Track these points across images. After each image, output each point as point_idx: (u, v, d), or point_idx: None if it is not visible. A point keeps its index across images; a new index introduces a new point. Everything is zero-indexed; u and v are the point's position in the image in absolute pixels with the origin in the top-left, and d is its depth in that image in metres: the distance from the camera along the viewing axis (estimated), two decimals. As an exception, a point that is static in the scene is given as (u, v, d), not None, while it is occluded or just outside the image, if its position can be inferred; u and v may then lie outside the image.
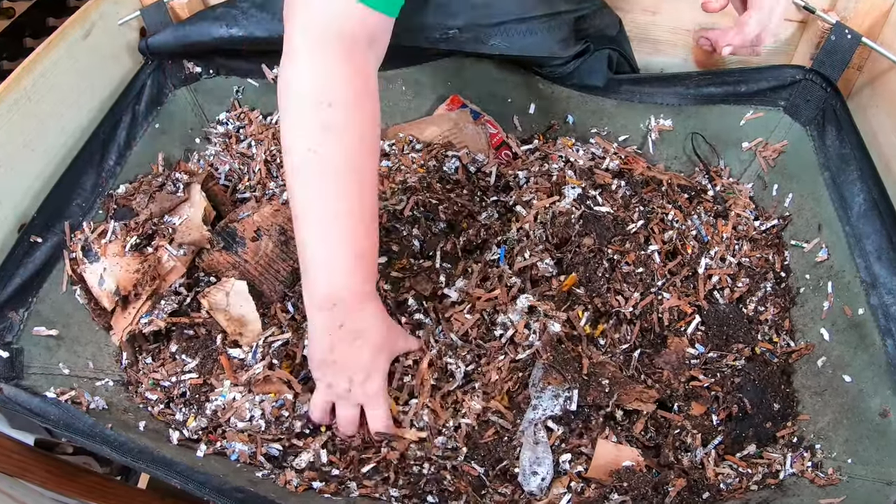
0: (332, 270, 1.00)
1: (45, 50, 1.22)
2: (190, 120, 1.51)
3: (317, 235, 0.99)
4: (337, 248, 1.00)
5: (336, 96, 0.95)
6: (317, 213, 0.98)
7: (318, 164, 0.96)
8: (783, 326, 1.26)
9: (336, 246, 0.99)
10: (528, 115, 1.54)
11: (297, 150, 0.96)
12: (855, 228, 1.18)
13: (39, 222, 1.17)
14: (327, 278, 1.01)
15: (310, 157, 0.96)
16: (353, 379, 1.07)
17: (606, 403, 1.12)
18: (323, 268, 1.00)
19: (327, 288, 1.01)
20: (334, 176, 0.97)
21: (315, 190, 0.98)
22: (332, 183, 0.97)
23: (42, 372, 1.11)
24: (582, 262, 1.26)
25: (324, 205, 0.98)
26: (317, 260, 1.00)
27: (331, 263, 1.00)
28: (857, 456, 1.04)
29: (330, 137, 0.95)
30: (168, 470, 0.97)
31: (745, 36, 1.19)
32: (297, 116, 0.97)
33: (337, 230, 0.99)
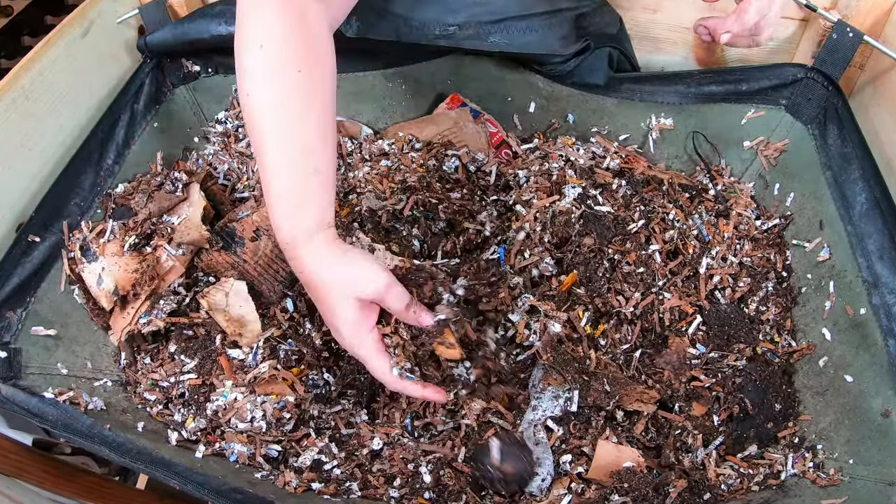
0: (272, 217, 0.99)
1: (43, 48, 1.22)
2: (189, 119, 1.51)
3: (265, 178, 0.98)
4: (267, 193, 0.98)
5: (264, 38, 0.95)
6: (257, 156, 0.99)
7: (247, 108, 0.97)
8: (785, 326, 1.26)
9: (267, 190, 0.98)
10: (528, 113, 1.54)
11: (245, 97, 0.97)
12: (857, 228, 1.17)
13: (37, 221, 1.17)
14: (277, 219, 0.99)
15: (245, 101, 0.96)
16: (332, 327, 1.04)
17: (607, 404, 1.12)
18: (271, 214, 0.99)
19: (280, 231, 0.99)
20: (255, 117, 0.96)
21: (251, 132, 0.98)
22: (256, 123, 0.96)
23: (40, 372, 1.11)
24: (582, 261, 1.26)
25: (256, 149, 0.98)
26: (268, 199, 0.99)
27: (271, 210, 0.99)
28: (859, 456, 1.04)
29: (257, 79, 0.96)
30: (167, 471, 0.97)
31: (744, 23, 1.19)
32: (237, 67, 0.98)
33: (264, 172, 0.97)
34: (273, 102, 0.96)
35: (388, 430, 1.15)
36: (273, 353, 1.19)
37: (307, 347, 1.20)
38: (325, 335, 1.21)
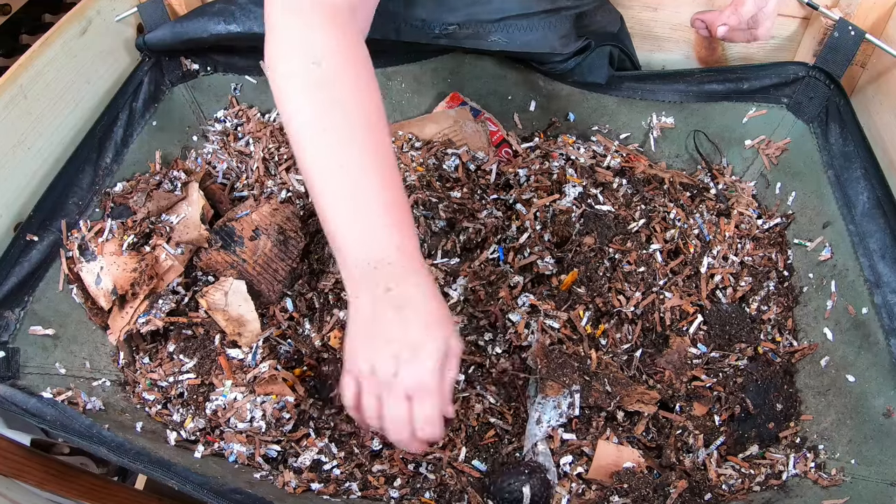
0: (363, 228, 0.89)
1: (41, 47, 1.21)
2: (187, 117, 1.51)
3: (336, 195, 0.89)
4: (363, 203, 0.88)
5: (322, 53, 0.90)
6: (330, 173, 0.89)
7: (318, 122, 0.89)
8: (786, 326, 1.26)
9: (361, 200, 0.88)
10: (528, 112, 1.54)
11: (296, 117, 0.90)
12: (859, 227, 1.17)
13: (35, 221, 1.17)
14: (360, 237, 0.89)
15: (308, 119, 0.90)
16: (398, 356, 0.87)
17: (608, 404, 1.11)
18: (352, 228, 0.89)
19: (362, 248, 0.88)
20: (337, 130, 0.89)
21: (323, 149, 0.89)
22: (337, 136, 0.89)
23: (38, 372, 1.11)
24: (583, 261, 1.26)
25: (336, 161, 0.89)
26: (343, 222, 0.89)
27: (361, 221, 0.89)
28: (861, 456, 1.04)
29: (325, 94, 0.90)
30: (165, 471, 0.97)
31: (741, 16, 1.19)
32: (288, 85, 0.91)
33: (356, 182, 0.88)
34: (320, 124, 0.90)
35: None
36: (272, 353, 1.19)
37: (306, 347, 1.20)
38: (324, 336, 1.21)
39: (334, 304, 1.25)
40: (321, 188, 0.89)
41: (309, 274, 1.29)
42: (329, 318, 1.23)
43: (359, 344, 0.90)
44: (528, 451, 1.10)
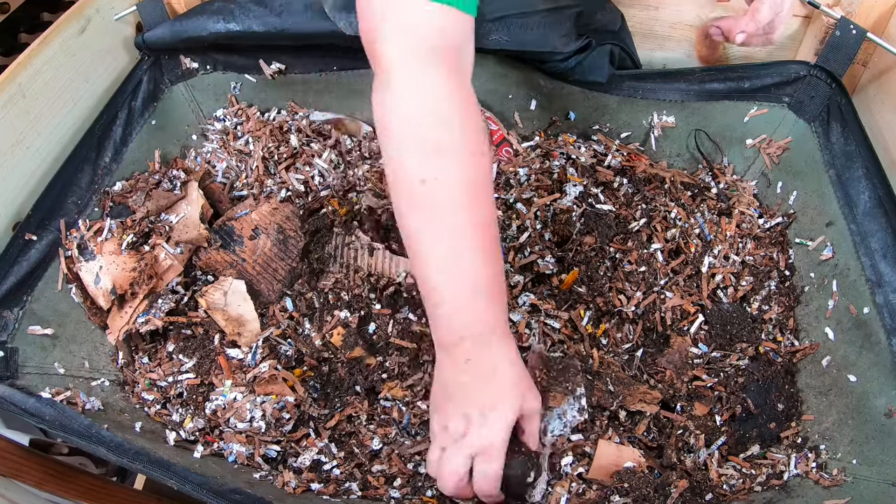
0: (456, 305, 0.91)
1: (39, 45, 1.21)
2: (187, 116, 1.51)
3: (438, 271, 0.91)
4: (460, 282, 0.90)
5: (447, 113, 0.88)
6: (437, 247, 0.90)
7: (433, 194, 0.88)
8: (787, 325, 1.26)
9: (461, 274, 0.90)
10: (529, 111, 1.53)
11: (408, 180, 0.88)
12: (860, 226, 1.17)
13: (34, 220, 1.17)
14: (451, 313, 0.91)
15: (424, 187, 0.87)
16: (469, 417, 0.92)
17: (611, 404, 1.11)
18: (447, 304, 0.91)
19: (453, 323, 0.92)
20: (451, 206, 0.88)
21: (434, 223, 0.89)
22: (451, 214, 0.88)
23: (37, 372, 1.11)
24: (583, 260, 1.26)
25: (445, 238, 0.90)
26: (441, 296, 0.91)
27: (455, 298, 0.91)
28: (863, 456, 1.04)
29: (444, 161, 0.87)
30: (164, 471, 0.97)
31: (758, 22, 1.19)
32: (405, 141, 0.89)
33: (459, 263, 0.90)
34: (463, 188, 0.89)
35: (388, 429, 1.15)
36: (272, 353, 1.19)
37: (307, 347, 1.20)
38: (324, 336, 1.21)
39: (334, 304, 1.25)
40: (422, 259, 0.91)
41: (309, 273, 1.29)
42: (329, 318, 1.23)
43: (438, 402, 0.97)
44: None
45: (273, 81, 1.49)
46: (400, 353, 1.19)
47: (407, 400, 1.16)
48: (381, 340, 1.21)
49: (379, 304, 1.25)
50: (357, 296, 1.25)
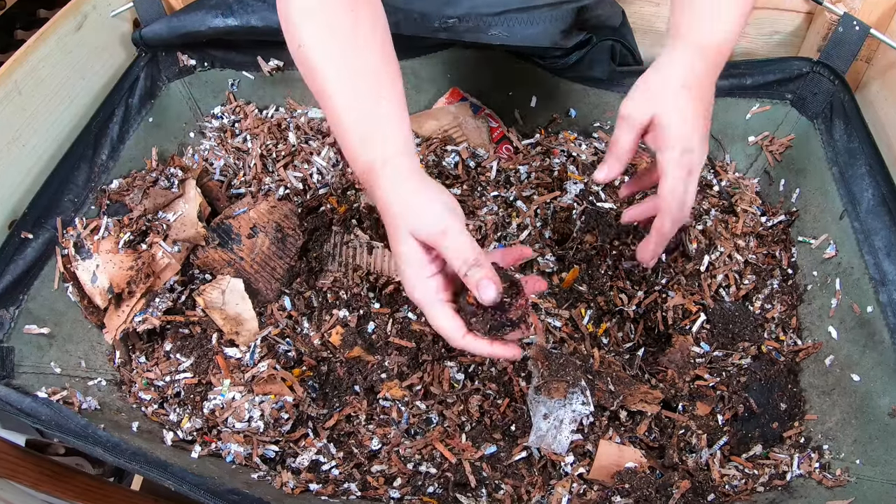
0: (347, 154, 0.96)
1: (35, 42, 1.21)
2: (184, 114, 1.51)
3: (331, 123, 0.97)
4: (338, 130, 0.95)
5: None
6: (321, 100, 0.97)
7: (300, 55, 0.96)
8: (790, 324, 1.26)
9: (337, 127, 0.96)
10: (529, 108, 1.53)
11: (293, 53, 0.98)
12: (864, 224, 1.17)
13: (30, 218, 1.17)
14: (349, 160, 0.96)
15: (296, 52, 0.97)
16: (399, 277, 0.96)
17: (611, 404, 1.11)
18: (345, 152, 0.97)
19: (354, 171, 0.98)
20: (310, 59, 0.95)
21: (312, 79, 0.97)
22: (315, 66, 0.95)
23: (33, 371, 1.11)
24: (584, 258, 1.26)
25: (319, 93, 0.96)
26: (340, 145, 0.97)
27: (344, 147, 0.96)
28: (867, 457, 1.04)
29: (308, 26, 0.96)
30: (162, 471, 0.97)
31: (663, 239, 1.05)
32: (283, 22, 0.99)
33: (332, 111, 0.95)
34: (326, 43, 0.95)
35: (387, 429, 1.15)
36: (271, 352, 1.19)
37: (306, 347, 1.20)
38: (323, 335, 1.21)
39: (333, 303, 1.25)
40: (324, 106, 0.97)
41: (307, 272, 1.29)
42: (328, 317, 1.23)
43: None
44: (534, 444, 1.10)
45: (271, 78, 1.49)
46: (399, 353, 1.19)
47: (406, 400, 1.16)
48: (381, 340, 1.21)
49: (378, 303, 1.25)
50: (356, 295, 1.25)
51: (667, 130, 0.98)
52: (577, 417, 1.10)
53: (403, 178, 0.91)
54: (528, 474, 1.11)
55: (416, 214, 0.89)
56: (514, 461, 1.12)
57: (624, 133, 1.04)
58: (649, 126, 1.01)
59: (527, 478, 1.10)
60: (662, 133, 0.99)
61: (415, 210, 0.89)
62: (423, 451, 1.13)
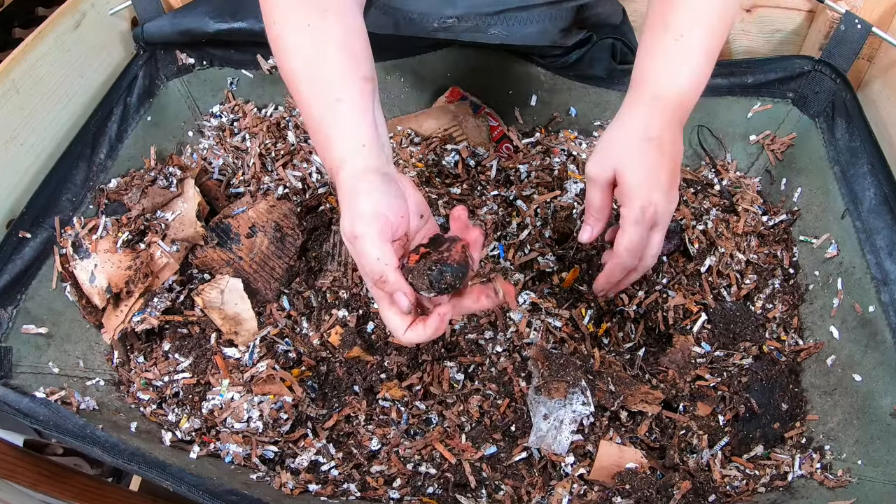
0: (318, 149, 0.98)
1: (33, 40, 1.21)
2: (183, 113, 1.50)
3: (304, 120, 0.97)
4: (309, 132, 0.98)
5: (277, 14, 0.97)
6: (296, 101, 0.98)
7: (274, 49, 0.98)
8: (791, 324, 1.26)
9: (308, 129, 0.98)
10: (529, 107, 1.53)
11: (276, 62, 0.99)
12: (866, 223, 1.17)
13: (28, 217, 1.17)
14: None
15: (273, 46, 0.98)
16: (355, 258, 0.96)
17: (612, 404, 1.11)
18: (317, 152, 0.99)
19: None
20: (280, 57, 0.97)
21: (284, 79, 0.98)
22: (283, 69, 0.97)
23: (31, 371, 1.10)
24: (584, 258, 1.26)
25: (292, 94, 0.98)
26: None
27: (315, 148, 0.99)
28: (868, 457, 1.04)
29: (276, 45, 0.97)
30: (160, 472, 0.96)
31: (612, 282, 1.07)
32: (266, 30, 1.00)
33: (302, 113, 0.98)
34: (290, 56, 0.96)
35: (386, 430, 1.14)
36: (270, 352, 1.19)
37: (305, 347, 1.20)
38: (322, 335, 1.21)
39: (332, 303, 1.25)
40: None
41: (306, 272, 1.29)
42: (327, 317, 1.23)
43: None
44: (534, 444, 1.10)
45: (270, 76, 1.49)
46: (399, 353, 1.19)
47: (406, 400, 1.16)
48: (380, 340, 1.21)
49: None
50: (355, 294, 1.25)
51: (626, 187, 0.98)
52: (578, 418, 1.10)
53: (348, 181, 0.92)
54: (529, 475, 1.11)
55: (344, 218, 0.90)
56: (514, 462, 1.12)
57: (593, 192, 1.04)
58: (615, 181, 1.01)
59: (527, 478, 1.10)
60: (622, 189, 0.99)
61: (345, 214, 0.90)
62: (423, 451, 1.13)
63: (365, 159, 0.92)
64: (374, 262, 0.85)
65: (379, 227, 0.87)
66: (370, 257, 0.86)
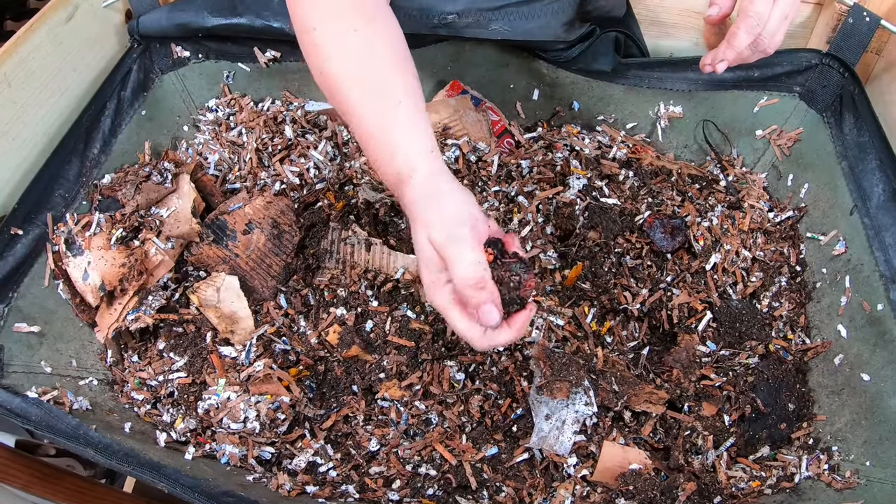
0: (377, 167, 0.97)
1: (25, 33, 1.21)
2: (178, 107, 1.50)
3: (358, 136, 0.99)
4: (366, 145, 0.97)
5: (317, 19, 0.98)
6: (346, 118, 0.99)
7: (322, 78, 0.99)
8: (798, 323, 1.26)
9: (365, 142, 0.97)
10: (531, 101, 1.53)
11: (314, 75, 1.00)
12: (874, 220, 1.17)
13: (20, 214, 1.16)
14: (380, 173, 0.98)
15: (311, 51, 0.99)
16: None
17: (615, 404, 1.11)
18: (375, 165, 0.98)
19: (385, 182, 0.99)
20: (330, 82, 0.98)
21: (333, 98, 0.99)
22: (334, 87, 0.98)
23: (23, 370, 1.10)
24: (587, 255, 1.26)
25: (344, 112, 0.98)
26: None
27: (374, 161, 0.97)
28: (877, 458, 1.04)
29: (318, 51, 0.98)
30: (155, 473, 0.96)
31: (736, 48, 1.11)
32: (304, 45, 1.01)
33: (357, 128, 0.97)
34: (331, 60, 0.97)
35: (385, 430, 1.14)
36: (267, 351, 1.19)
37: (302, 346, 1.20)
38: (320, 334, 1.21)
39: (330, 301, 1.24)
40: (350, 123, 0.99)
41: (304, 269, 1.29)
42: (325, 316, 1.23)
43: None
44: (536, 445, 1.10)
45: (267, 70, 1.49)
46: (398, 352, 1.18)
47: (405, 400, 1.16)
48: (379, 339, 1.21)
49: (376, 301, 1.24)
50: (354, 292, 1.25)
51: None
52: (580, 418, 1.10)
53: (425, 185, 0.91)
54: (530, 476, 1.11)
55: (429, 222, 0.89)
56: (515, 463, 1.12)
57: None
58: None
59: (528, 480, 1.10)
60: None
61: (429, 218, 0.89)
62: (423, 452, 1.13)
63: (437, 164, 0.92)
64: (473, 266, 0.85)
65: (470, 229, 0.87)
66: (467, 262, 0.85)
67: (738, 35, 1.08)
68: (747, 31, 1.07)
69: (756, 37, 1.08)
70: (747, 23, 1.06)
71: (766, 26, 1.07)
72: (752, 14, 1.06)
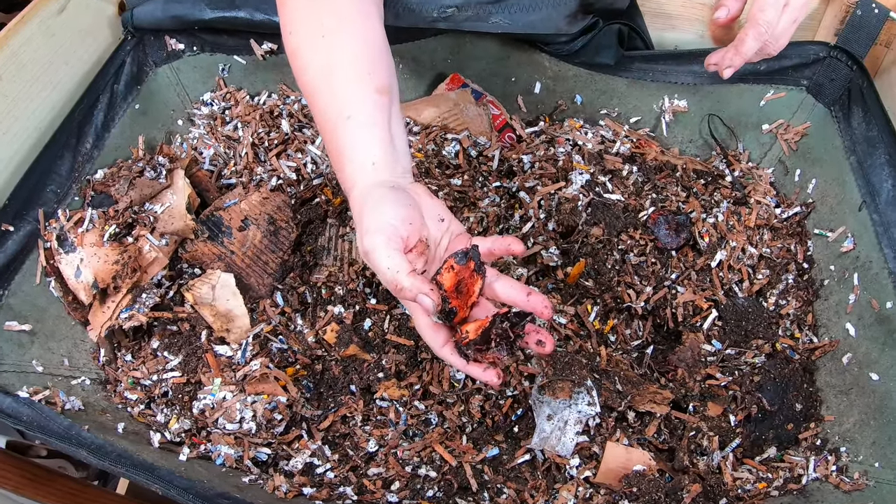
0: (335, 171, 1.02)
1: (16, 25, 1.20)
2: (172, 100, 1.50)
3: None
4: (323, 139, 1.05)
5: (292, 26, 1.03)
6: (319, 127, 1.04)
7: (291, 61, 1.03)
8: (806, 321, 1.25)
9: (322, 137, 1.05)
10: (533, 95, 1.53)
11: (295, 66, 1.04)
12: (883, 216, 1.16)
13: (11, 210, 1.16)
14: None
15: (290, 58, 1.04)
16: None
17: (619, 404, 1.11)
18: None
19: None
20: (296, 70, 1.03)
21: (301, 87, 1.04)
22: (299, 81, 1.03)
23: (14, 370, 1.10)
24: (590, 252, 1.25)
25: (308, 102, 1.04)
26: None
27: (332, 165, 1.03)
28: (886, 459, 1.04)
29: (294, 60, 1.02)
30: (148, 475, 0.96)
31: (745, 56, 1.14)
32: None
33: (324, 134, 1.02)
34: (304, 68, 1.01)
35: (384, 431, 1.14)
36: (263, 350, 1.19)
37: (299, 344, 1.19)
38: (317, 332, 1.20)
39: (328, 299, 1.24)
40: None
41: (301, 267, 1.29)
42: (323, 314, 1.23)
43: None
44: (538, 446, 1.10)
45: (263, 63, 1.48)
46: (397, 351, 1.18)
47: (404, 400, 1.16)
48: (377, 337, 1.21)
49: (374, 299, 1.24)
50: (351, 290, 1.25)
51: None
52: (583, 418, 1.09)
53: (360, 198, 0.95)
54: (532, 478, 1.11)
55: (359, 234, 0.92)
56: (516, 464, 1.12)
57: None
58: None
59: (530, 481, 1.10)
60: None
61: (358, 230, 0.93)
62: (423, 453, 1.12)
63: (374, 177, 0.95)
64: (386, 273, 0.87)
65: (385, 238, 0.89)
66: (382, 269, 0.88)
67: (746, 42, 1.11)
68: (756, 38, 1.10)
69: (762, 43, 1.11)
70: (756, 30, 1.09)
71: (772, 35, 1.10)
72: (762, 22, 1.09)
